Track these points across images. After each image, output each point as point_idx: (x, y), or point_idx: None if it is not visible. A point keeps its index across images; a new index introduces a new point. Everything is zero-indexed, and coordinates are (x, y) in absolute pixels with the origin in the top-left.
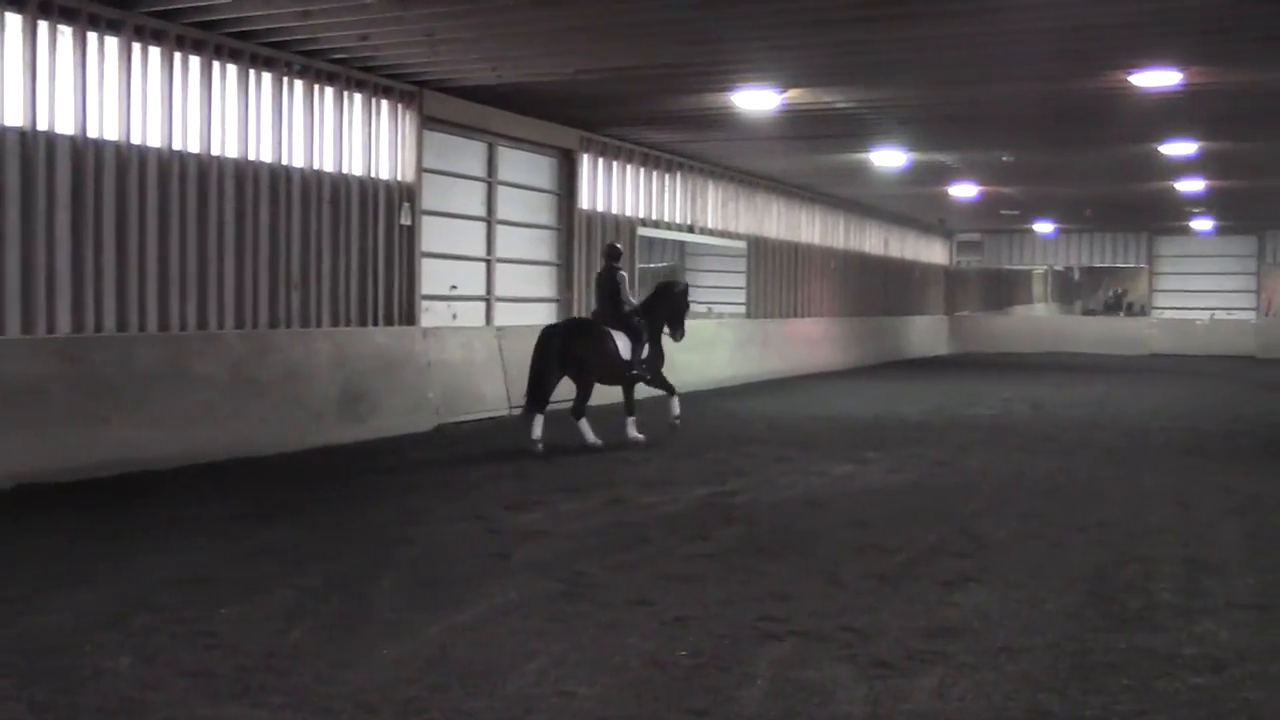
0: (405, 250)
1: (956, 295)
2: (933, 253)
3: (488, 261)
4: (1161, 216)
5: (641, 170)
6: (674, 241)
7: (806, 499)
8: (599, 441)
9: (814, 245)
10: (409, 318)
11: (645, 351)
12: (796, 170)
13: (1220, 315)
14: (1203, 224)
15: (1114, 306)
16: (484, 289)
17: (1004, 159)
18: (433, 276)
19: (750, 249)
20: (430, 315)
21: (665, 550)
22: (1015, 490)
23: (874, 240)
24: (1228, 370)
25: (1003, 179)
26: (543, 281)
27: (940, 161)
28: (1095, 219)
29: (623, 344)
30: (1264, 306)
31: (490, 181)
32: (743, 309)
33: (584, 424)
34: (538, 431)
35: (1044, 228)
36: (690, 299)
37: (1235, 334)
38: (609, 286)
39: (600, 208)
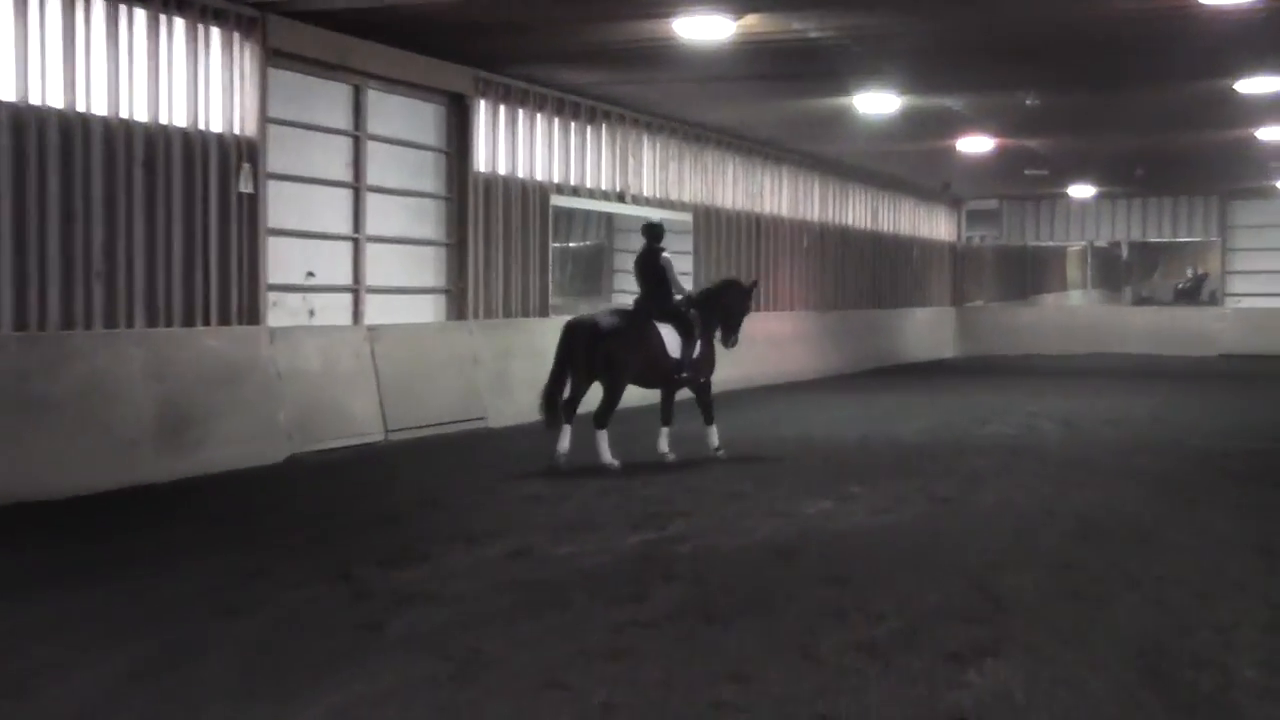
0: (245, 226)
1: (967, 281)
2: (936, 226)
3: (355, 241)
4: (1237, 175)
5: (556, 122)
6: (599, 215)
7: (771, 547)
8: (616, 463)
9: (781, 218)
10: (251, 315)
11: (697, 351)
12: (757, 121)
13: None
14: None
15: (1191, 293)
16: (350, 277)
17: (1027, 102)
18: (283, 261)
19: (698, 223)
20: (280, 311)
21: (586, 616)
22: (1043, 533)
23: (859, 211)
24: None
25: (1026, 129)
26: (427, 267)
27: (944, 107)
28: (1149, 180)
29: (670, 340)
30: None
31: (357, 136)
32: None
33: (603, 438)
34: (565, 444)
35: (1081, 192)
36: (754, 301)
37: None
38: (652, 271)
39: (502, 170)
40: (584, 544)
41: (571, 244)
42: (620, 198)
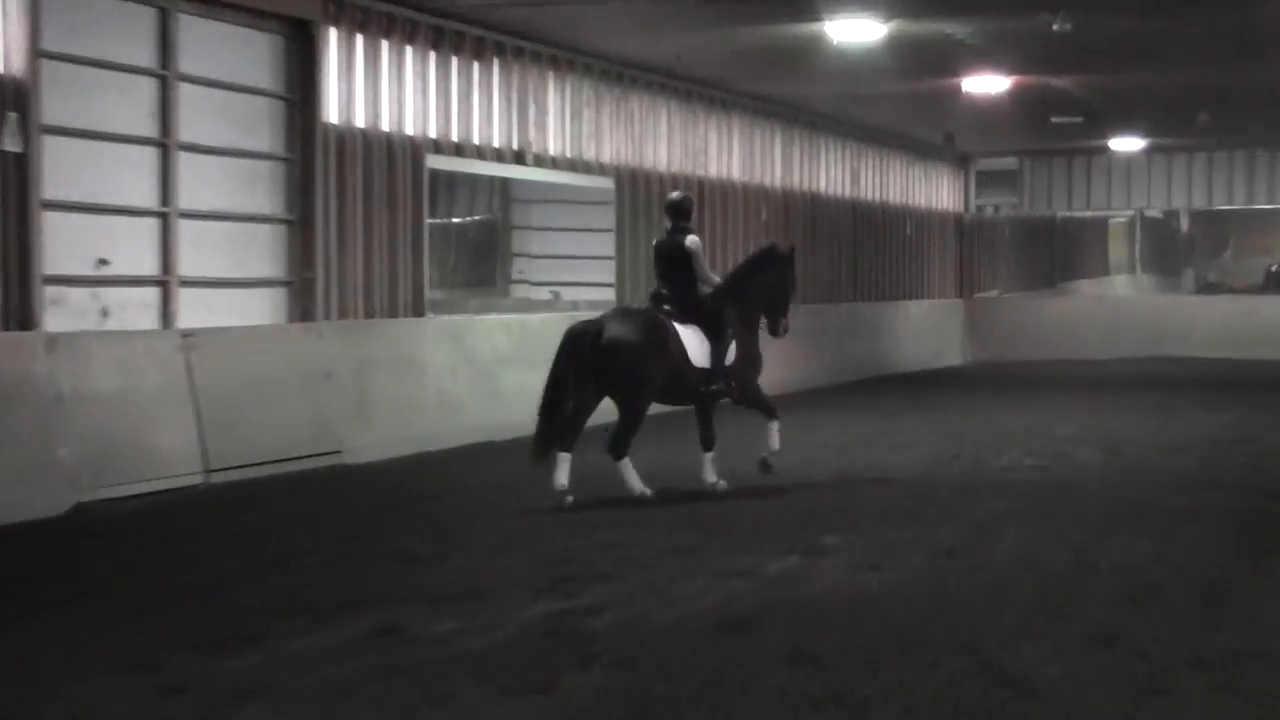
0: (12, 197)
1: (978, 265)
2: (936, 192)
3: (163, 216)
4: None
5: (433, 58)
6: (491, 181)
7: (721, 618)
8: (648, 491)
9: (731, 183)
10: (21, 317)
11: (731, 355)
12: (701, 55)
13: None
14: None
15: None
16: (157, 265)
17: (1054, 26)
18: (64, 244)
19: (622, 191)
20: (62, 312)
21: (474, 715)
22: (1078, 596)
23: (834, 173)
24: None
25: (1053, 62)
26: (260, 251)
27: (944, 35)
28: (1217, 128)
29: (695, 344)
30: None
31: (164, 76)
32: (610, 292)
33: (628, 467)
34: (564, 478)
35: (1127, 145)
36: (796, 271)
37: None
38: (675, 258)
39: (360, 122)
40: (471, 617)
41: (455, 220)
42: (519, 158)
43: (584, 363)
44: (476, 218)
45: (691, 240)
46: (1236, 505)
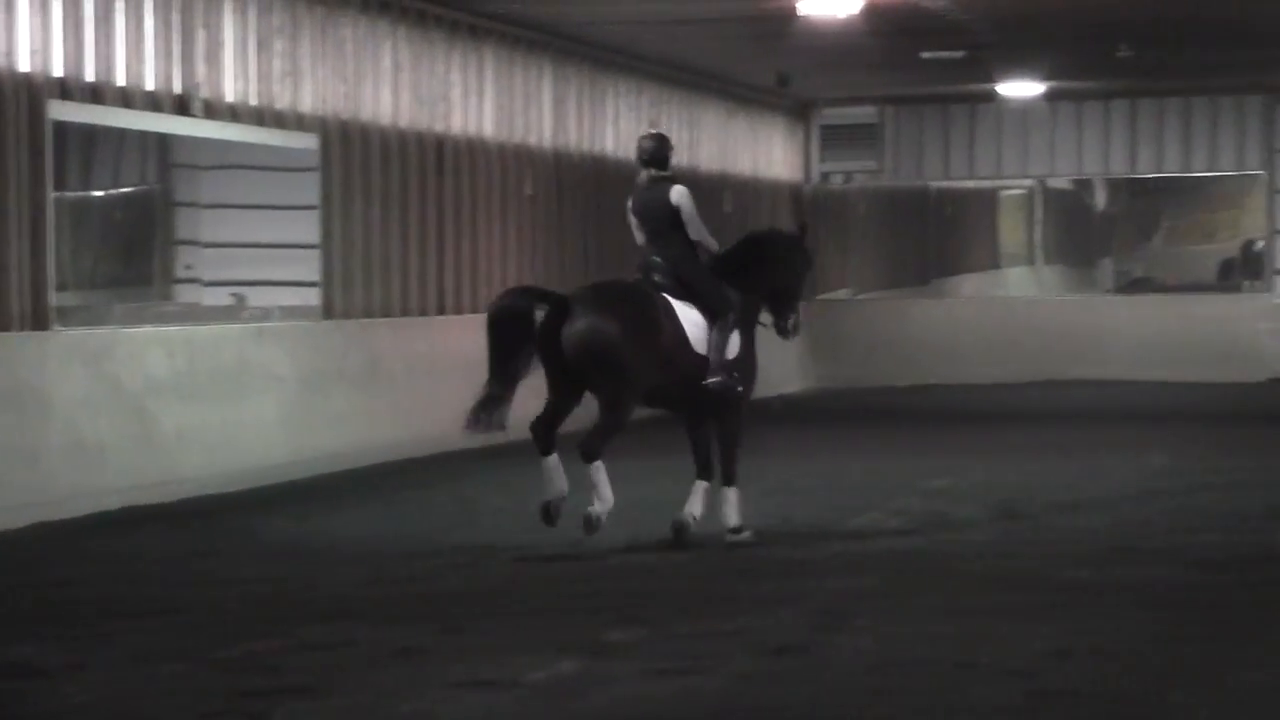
0: None
1: (823, 253)
2: (767, 153)
3: None
4: None
5: None
6: (144, 140)
7: None
8: (598, 512)
9: (483, 142)
10: None
11: (736, 345)
12: None
13: None
14: None
15: (1248, 267)
16: None
17: None
18: None
19: (329, 153)
20: None
21: None
22: (954, 708)
23: (627, 127)
24: None
25: None
26: None
27: None
28: (1141, 66)
29: (693, 323)
30: None
31: None
32: (312, 298)
33: (600, 471)
34: (561, 482)
35: (1021, 90)
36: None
37: None
38: (662, 216)
39: None
40: None
41: (95, 195)
42: (182, 106)
43: (547, 339)
44: (124, 191)
45: (679, 192)
46: (1159, 580)
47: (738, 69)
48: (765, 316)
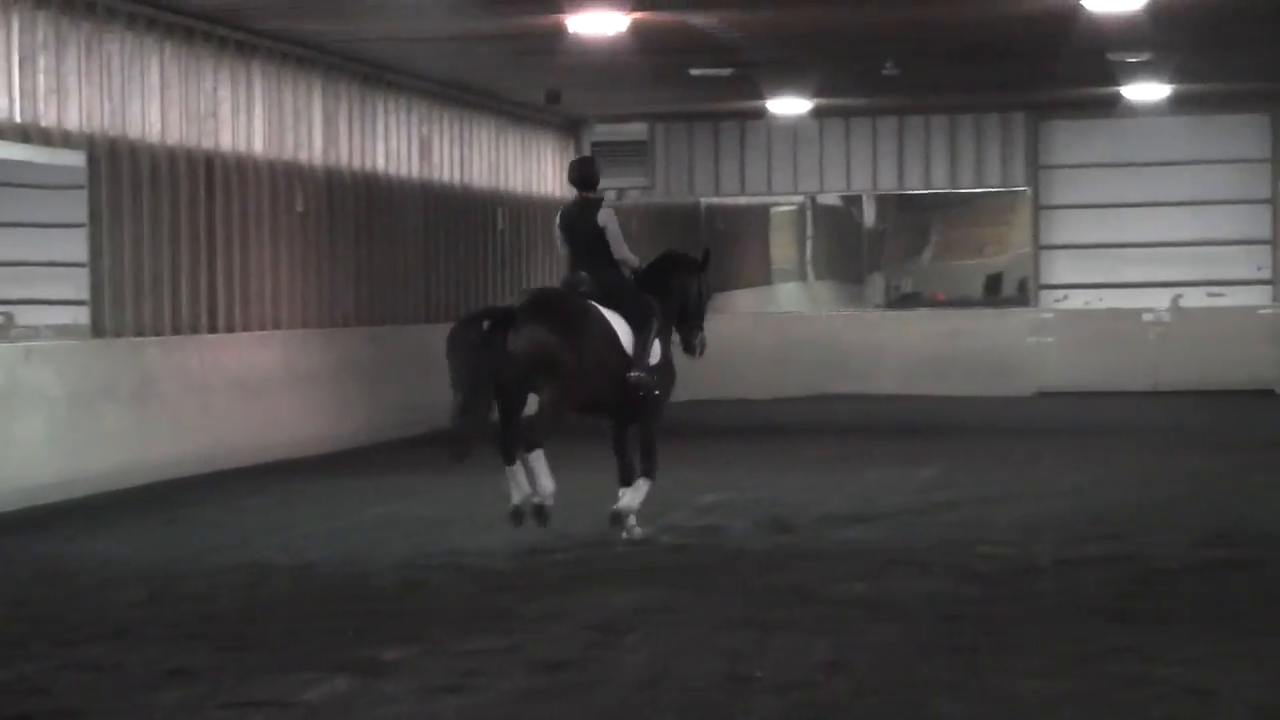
0: None
1: None
2: (539, 170)
3: None
4: (1056, 78)
5: None
6: None
7: None
8: (540, 501)
9: (253, 158)
10: None
11: (657, 353)
12: None
13: (1190, 300)
14: (1148, 90)
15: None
16: None
17: None
18: None
19: (97, 170)
20: None
21: None
22: (737, 719)
23: (398, 144)
24: (1212, 426)
25: None
26: None
27: None
28: (907, 83)
29: (623, 330)
30: None
31: None
32: (82, 316)
33: (540, 460)
34: (530, 484)
35: (790, 107)
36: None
37: (1228, 341)
38: (590, 234)
39: None
40: None
41: None
42: None
43: (493, 353)
44: None
45: (605, 213)
46: (932, 591)
47: (508, 86)
48: (674, 336)
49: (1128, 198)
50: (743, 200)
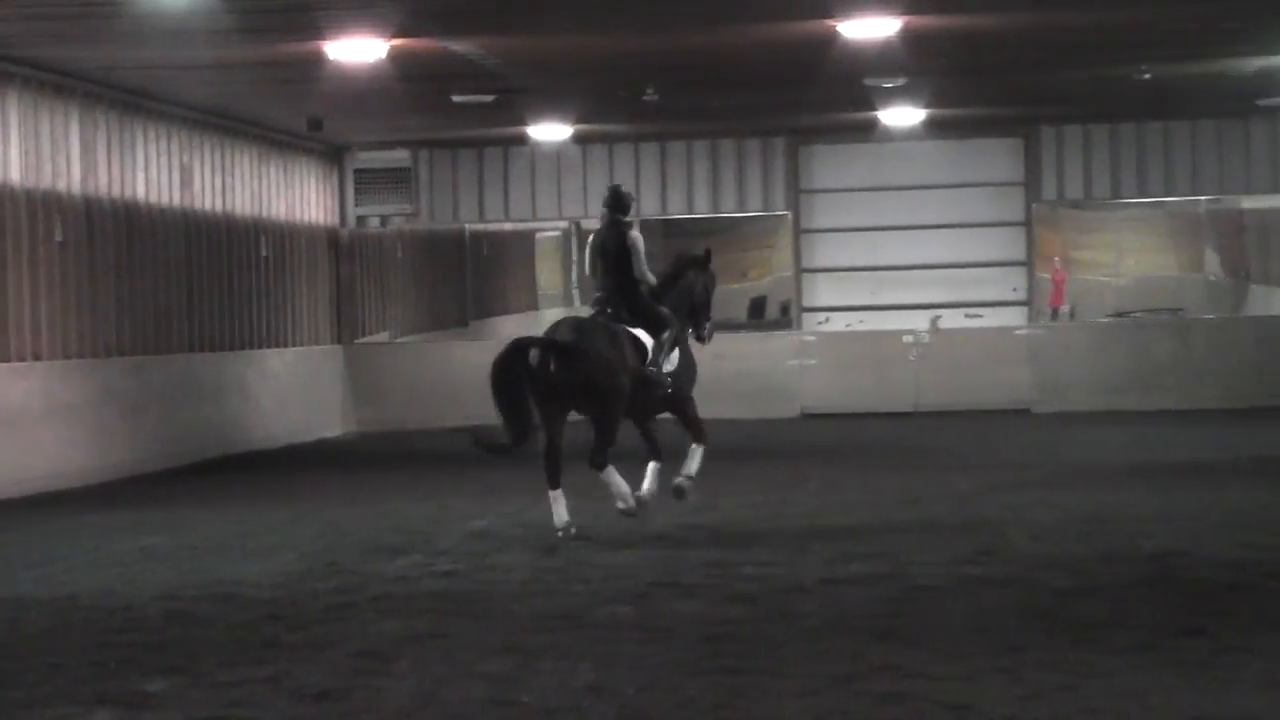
0: None
1: (362, 296)
2: (302, 198)
3: None
4: (815, 103)
5: None
6: None
7: None
8: (644, 496)
9: (9, 188)
10: None
11: (675, 358)
12: None
13: (948, 322)
14: (904, 114)
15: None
16: None
17: None
18: None
19: None
20: None
21: None
22: None
23: (158, 173)
24: (972, 445)
25: (447, 19)
26: None
27: None
28: (668, 109)
29: (646, 343)
30: (1049, 297)
31: None
32: None
33: (613, 474)
34: (565, 514)
35: (553, 133)
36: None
37: (987, 362)
38: (619, 255)
39: None
40: None
41: None
42: None
43: (542, 378)
44: None
45: (634, 235)
46: (697, 613)
47: (270, 113)
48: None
49: (887, 221)
50: (507, 226)
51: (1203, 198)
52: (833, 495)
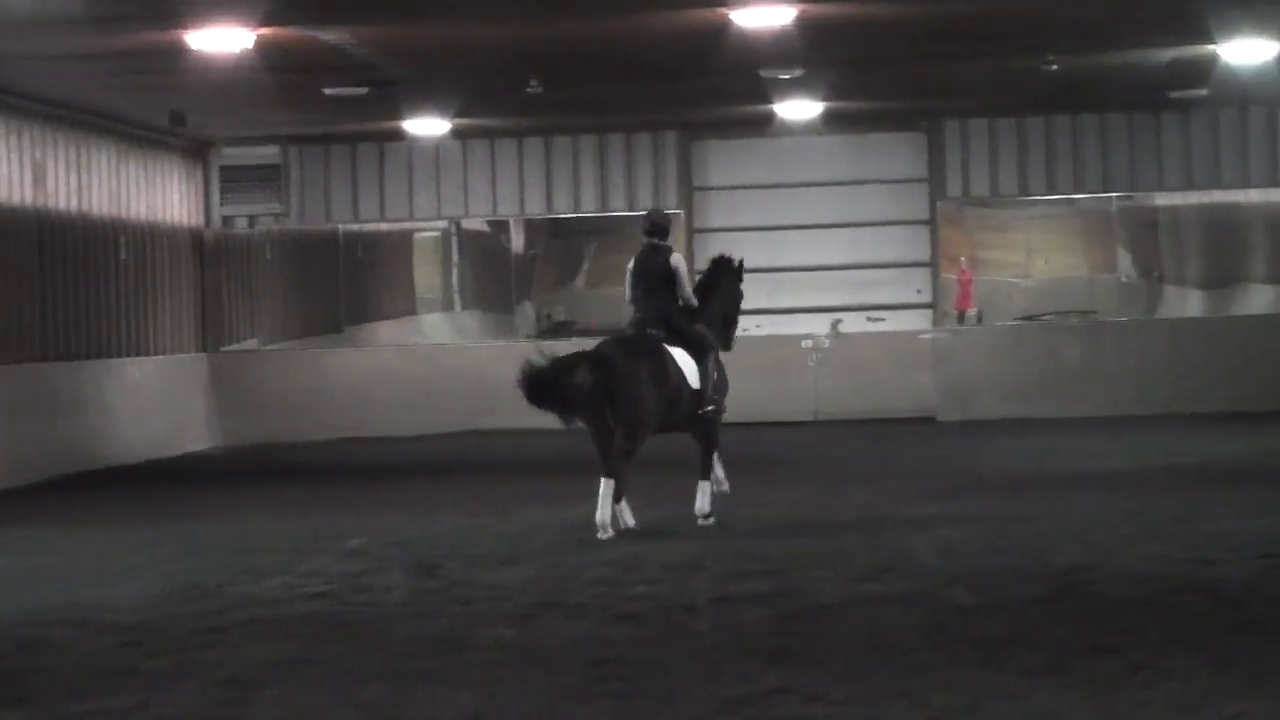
0: None
1: (229, 302)
2: (164, 196)
3: None
4: (708, 95)
5: None
6: None
7: None
8: (631, 522)
9: None
10: None
11: (716, 375)
12: None
13: (849, 326)
14: (801, 108)
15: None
16: None
17: None
18: None
19: None
20: None
21: None
22: None
23: (8, 171)
24: (874, 455)
25: (316, 8)
26: None
27: None
28: (553, 102)
29: (689, 366)
30: (954, 299)
31: None
32: None
33: (609, 495)
34: (623, 513)
35: (430, 128)
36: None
37: (889, 368)
38: (660, 277)
39: None
40: None
41: None
42: None
43: (597, 387)
44: None
45: (677, 257)
46: (584, 635)
47: (129, 107)
48: None
49: (784, 220)
50: (384, 227)
51: (1114, 195)
52: (726, 509)
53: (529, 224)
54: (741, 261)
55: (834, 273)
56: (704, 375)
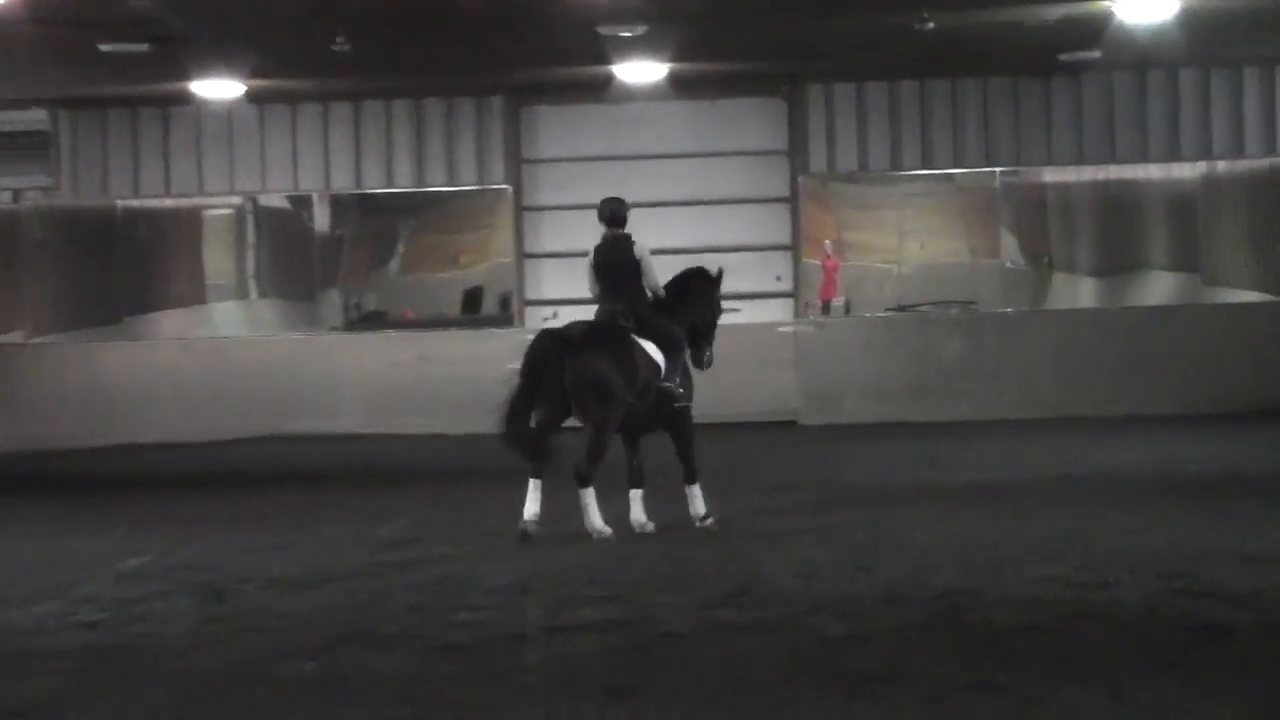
0: None
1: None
2: None
3: None
4: (539, 54)
5: None
6: None
7: None
8: (609, 531)
9: None
10: None
11: (680, 376)
12: None
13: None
14: (644, 69)
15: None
16: None
17: None
18: None
19: None
20: None
21: None
22: None
23: None
24: (726, 464)
25: None
26: None
27: None
28: (363, 61)
29: (659, 358)
30: (818, 287)
31: None
32: None
33: (591, 498)
34: (536, 504)
35: (222, 90)
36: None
37: (745, 365)
38: (624, 265)
39: None
40: None
41: None
42: None
43: (550, 370)
44: None
45: (641, 247)
46: (397, 669)
47: None
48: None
49: (626, 196)
50: (168, 202)
51: (998, 170)
52: (560, 525)
53: (335, 200)
54: (720, 271)
55: (682, 257)
56: (669, 370)
